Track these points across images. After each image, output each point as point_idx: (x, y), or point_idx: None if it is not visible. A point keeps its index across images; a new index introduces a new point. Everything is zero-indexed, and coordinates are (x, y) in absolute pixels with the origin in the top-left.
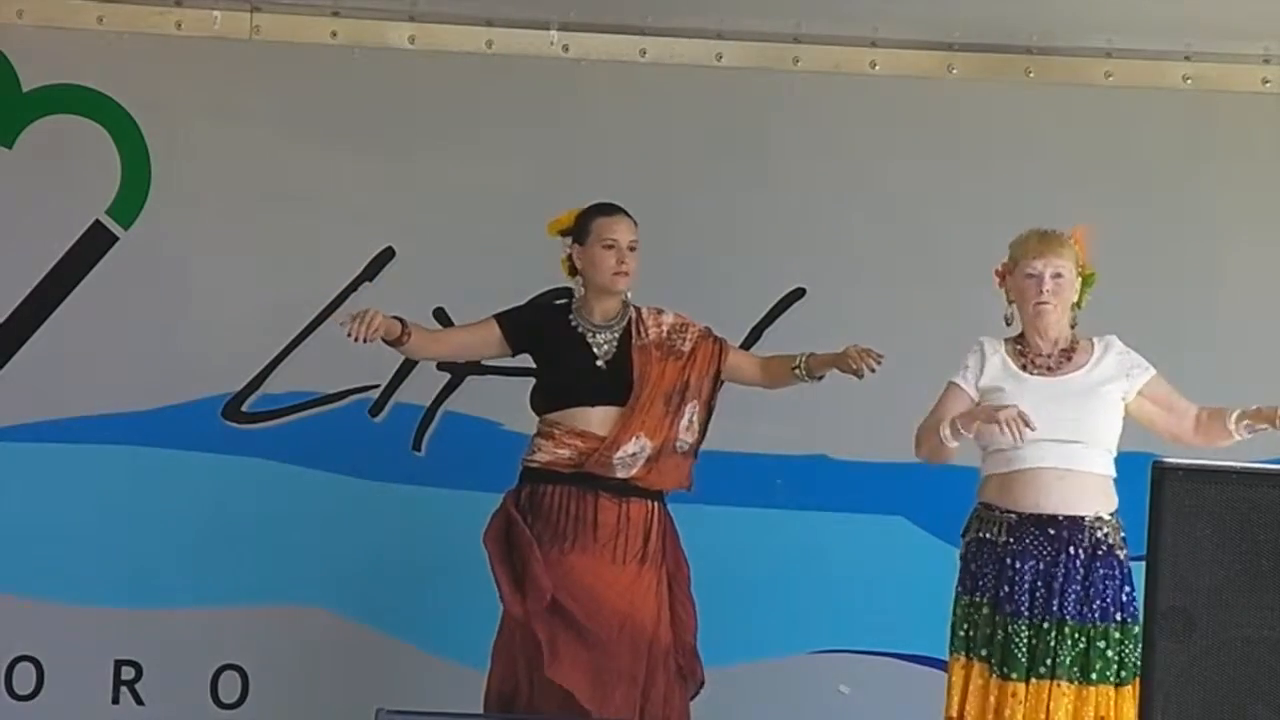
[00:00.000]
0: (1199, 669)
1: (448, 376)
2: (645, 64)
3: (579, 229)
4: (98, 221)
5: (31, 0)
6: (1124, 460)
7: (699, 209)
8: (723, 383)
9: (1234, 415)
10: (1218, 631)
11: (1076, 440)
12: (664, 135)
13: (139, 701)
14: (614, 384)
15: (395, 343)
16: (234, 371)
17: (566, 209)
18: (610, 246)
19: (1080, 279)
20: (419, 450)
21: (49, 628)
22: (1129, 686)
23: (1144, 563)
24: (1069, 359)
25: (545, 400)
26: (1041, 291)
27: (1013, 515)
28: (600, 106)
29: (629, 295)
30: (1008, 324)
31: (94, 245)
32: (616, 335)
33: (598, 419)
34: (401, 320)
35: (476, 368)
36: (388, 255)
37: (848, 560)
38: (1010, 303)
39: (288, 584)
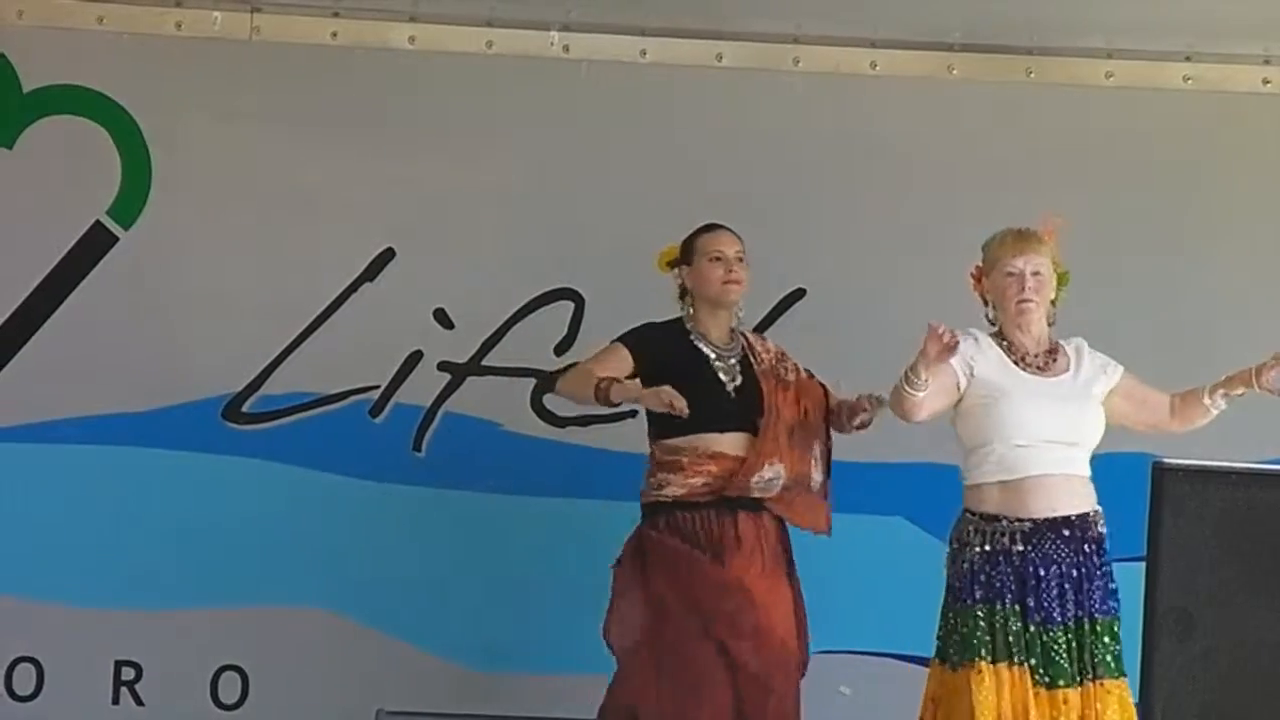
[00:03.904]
0: (1199, 669)
1: (448, 377)
2: (645, 64)
3: (685, 252)
4: (98, 222)
5: (32, 1)
6: (1124, 460)
7: (699, 209)
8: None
9: (1207, 390)
10: (1218, 632)
11: (1075, 444)
12: (664, 136)
13: (139, 702)
14: (745, 411)
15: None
16: (234, 372)
17: (566, 209)
18: (717, 259)
19: (1055, 276)
20: (419, 451)
21: (49, 628)
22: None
23: (1143, 563)
24: (1054, 360)
25: (671, 423)
26: (1024, 290)
27: (1027, 524)
28: (601, 107)
29: (740, 318)
30: (991, 325)
31: (94, 246)
32: (737, 360)
33: (729, 443)
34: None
35: (476, 369)
36: (388, 256)
37: (847, 561)
38: (986, 304)
39: (288, 585)
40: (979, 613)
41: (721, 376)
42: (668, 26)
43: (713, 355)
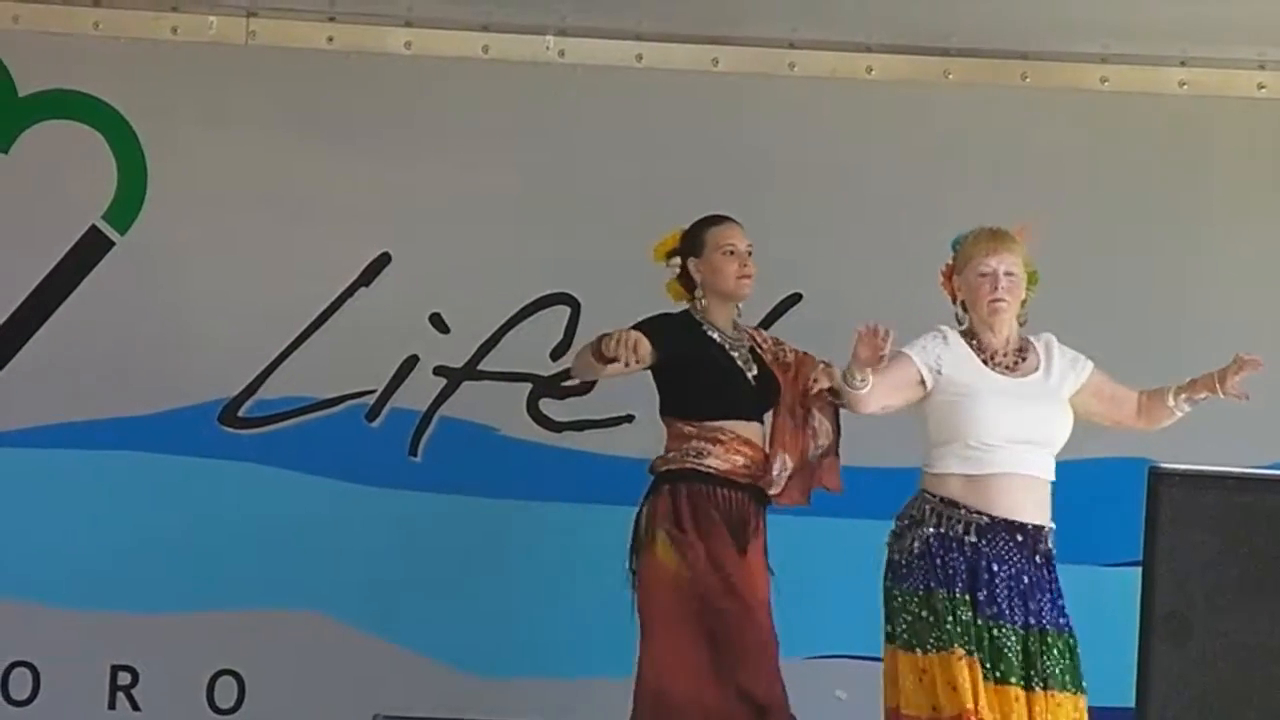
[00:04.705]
0: (1195, 673)
1: (444, 382)
2: (641, 69)
3: (691, 243)
4: (94, 226)
5: (27, 5)
6: (1120, 465)
7: (694, 214)
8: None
9: (1172, 391)
10: (1214, 636)
11: (1041, 444)
12: (660, 140)
13: (135, 707)
14: (764, 401)
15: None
16: (230, 376)
17: (562, 214)
18: (731, 253)
19: (1025, 276)
20: (415, 455)
21: (45, 633)
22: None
23: (1140, 568)
24: (1023, 359)
25: (699, 407)
26: (997, 289)
27: (984, 517)
28: (596, 112)
29: (739, 310)
30: (959, 324)
31: (90, 250)
32: (749, 351)
33: (754, 432)
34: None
35: (472, 373)
36: (384, 260)
37: (843, 565)
38: (955, 302)
39: (284, 589)
40: (937, 598)
41: (740, 364)
42: (663, 31)
43: (727, 345)
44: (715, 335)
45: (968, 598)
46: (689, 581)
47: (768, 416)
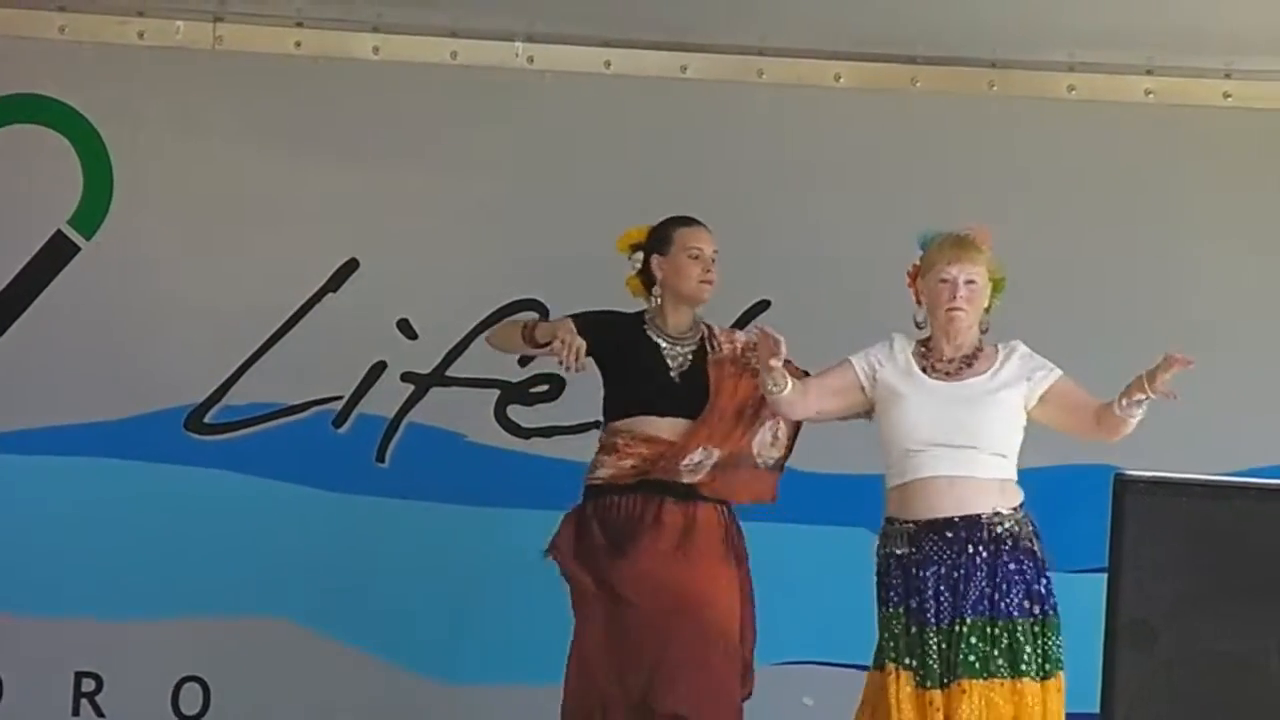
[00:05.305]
0: (1159, 680)
1: (411, 388)
2: (610, 76)
3: (658, 240)
4: (59, 231)
5: None
6: (1085, 472)
7: (662, 220)
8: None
9: (1118, 399)
10: (1180, 643)
11: (968, 446)
12: (629, 147)
13: (99, 713)
14: (686, 396)
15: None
16: (196, 382)
17: (530, 220)
18: (696, 256)
19: (990, 284)
20: (382, 462)
21: (9, 639)
22: (1055, 680)
23: (1105, 574)
24: (969, 365)
25: (614, 408)
26: (955, 297)
27: (911, 525)
28: (565, 118)
29: (701, 312)
30: (919, 327)
31: (56, 255)
32: (690, 349)
33: (667, 427)
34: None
35: (440, 379)
36: (352, 266)
37: (810, 572)
38: (919, 304)
39: (250, 595)
40: (883, 617)
41: (668, 362)
42: (632, 38)
43: (664, 344)
44: (653, 334)
45: (901, 610)
46: (577, 596)
47: None
